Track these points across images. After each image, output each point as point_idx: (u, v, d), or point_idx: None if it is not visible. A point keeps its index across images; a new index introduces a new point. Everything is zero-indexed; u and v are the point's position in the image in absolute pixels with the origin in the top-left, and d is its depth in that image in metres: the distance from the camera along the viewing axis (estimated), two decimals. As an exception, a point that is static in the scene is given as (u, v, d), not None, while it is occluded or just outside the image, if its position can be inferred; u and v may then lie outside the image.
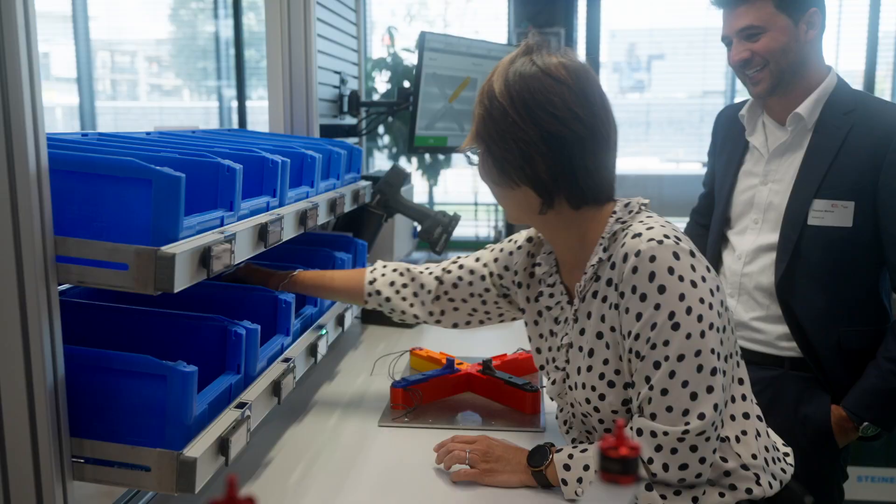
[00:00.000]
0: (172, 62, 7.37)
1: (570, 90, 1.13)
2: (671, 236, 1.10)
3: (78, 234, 0.98)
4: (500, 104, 1.14)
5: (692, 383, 1.07)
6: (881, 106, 1.66)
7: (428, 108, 2.28)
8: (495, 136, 1.16)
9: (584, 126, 1.13)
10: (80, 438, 1.02)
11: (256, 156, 1.36)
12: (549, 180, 1.14)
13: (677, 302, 1.07)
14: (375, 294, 1.52)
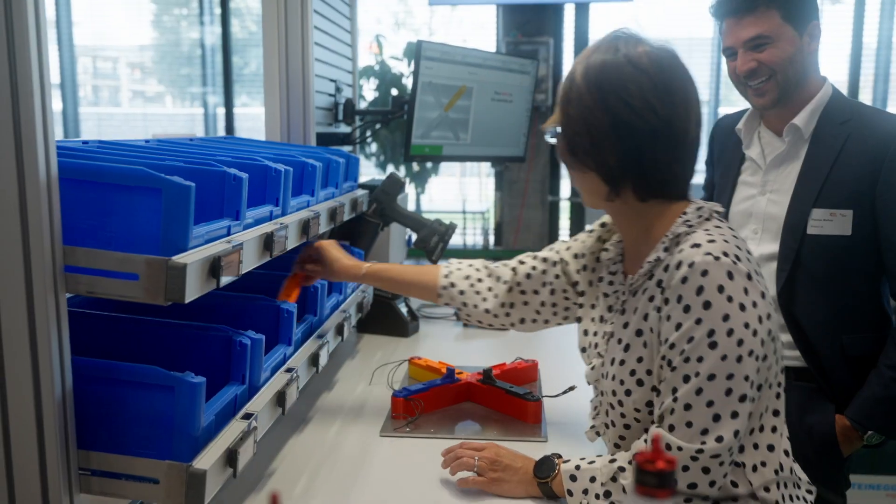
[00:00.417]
0: (155, 68, 7.32)
1: (649, 79, 1.10)
2: (731, 254, 1.07)
3: (86, 243, 0.97)
4: (578, 87, 1.13)
5: (717, 405, 1.05)
6: (876, 115, 1.68)
7: (424, 116, 2.28)
8: (570, 119, 1.15)
9: (659, 118, 1.10)
10: (87, 450, 1.01)
11: (259, 164, 1.35)
12: (615, 168, 1.13)
13: (720, 321, 1.05)
14: (450, 287, 1.50)
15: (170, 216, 0.98)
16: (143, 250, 0.97)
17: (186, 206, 0.99)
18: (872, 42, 4.55)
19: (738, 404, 1.05)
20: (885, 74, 4.63)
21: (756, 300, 1.07)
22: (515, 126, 2.59)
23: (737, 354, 1.05)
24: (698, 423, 1.06)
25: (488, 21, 4.99)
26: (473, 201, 5.09)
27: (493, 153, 2.61)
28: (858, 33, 4.44)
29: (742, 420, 1.06)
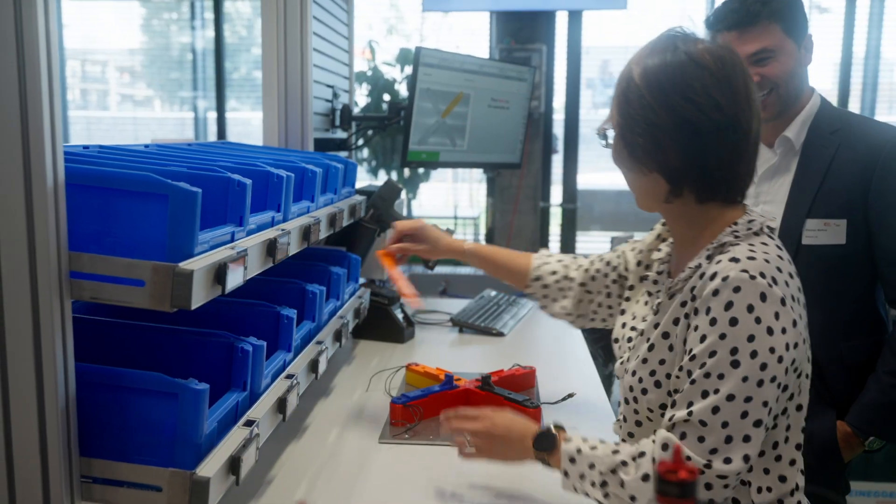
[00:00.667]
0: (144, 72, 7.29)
1: (712, 76, 1.08)
2: (768, 276, 1.04)
3: (91, 249, 0.97)
4: (637, 87, 1.11)
5: (732, 426, 1.03)
6: (864, 124, 1.71)
7: (421, 122, 2.28)
8: (629, 120, 1.12)
9: (724, 114, 1.08)
10: (90, 458, 1.00)
11: (261, 170, 1.35)
12: (679, 168, 1.10)
13: (745, 342, 1.03)
14: (538, 279, 1.56)
15: (176, 222, 0.98)
16: (148, 256, 0.96)
17: (193, 213, 0.99)
18: (860, 51, 4.60)
19: (753, 428, 1.03)
20: (874, 84, 4.68)
21: (786, 327, 1.04)
22: (512, 133, 2.60)
23: (758, 378, 1.02)
24: (710, 441, 1.04)
25: (479, 28, 5.00)
26: (464, 207, 5.10)
27: (489, 160, 2.62)
28: (848, 43, 4.49)
29: (754, 445, 1.04)
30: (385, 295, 2.19)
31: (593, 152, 5.17)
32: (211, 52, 5.44)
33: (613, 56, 5.75)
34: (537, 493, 1.32)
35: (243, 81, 6.04)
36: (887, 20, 4.59)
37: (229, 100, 5.62)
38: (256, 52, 5.91)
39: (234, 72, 5.96)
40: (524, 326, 2.40)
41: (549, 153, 4.51)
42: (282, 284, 1.59)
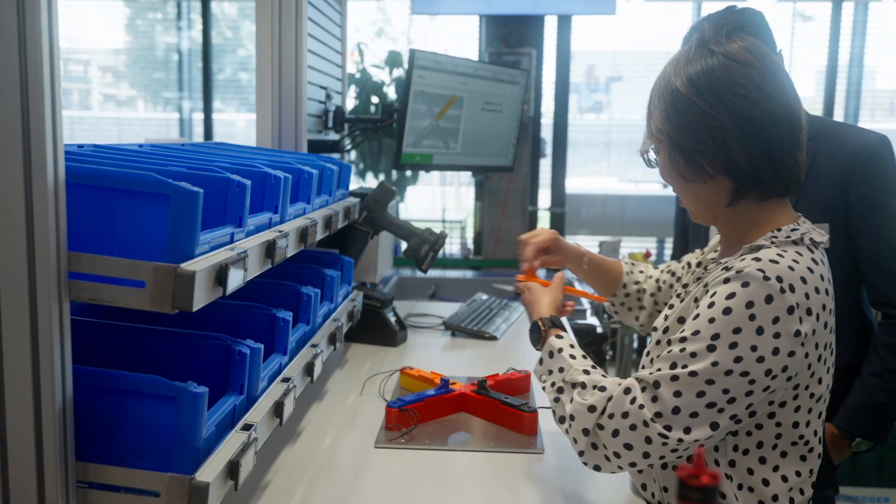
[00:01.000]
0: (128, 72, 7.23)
1: (758, 71, 1.10)
2: (785, 281, 1.04)
3: (90, 249, 0.95)
4: (686, 96, 1.11)
5: (683, 399, 1.05)
6: (841, 129, 1.73)
7: (415, 125, 2.27)
8: (684, 129, 1.12)
9: (778, 105, 1.09)
10: (86, 462, 0.98)
11: (259, 171, 1.33)
12: (746, 165, 1.10)
13: (729, 332, 1.04)
14: (624, 287, 1.57)
15: (177, 223, 0.97)
16: (148, 257, 0.95)
17: (194, 213, 0.97)
18: (844, 59, 4.65)
19: (705, 409, 1.05)
20: (857, 91, 4.73)
21: (782, 333, 1.04)
22: (504, 136, 2.60)
23: (728, 368, 1.04)
24: (659, 405, 1.06)
25: (467, 31, 5.00)
26: (451, 210, 5.09)
27: (481, 162, 2.61)
28: (834, 51, 4.53)
29: (702, 424, 1.05)
30: (377, 298, 2.18)
31: (580, 156, 5.18)
32: (196, 52, 5.40)
33: (599, 61, 5.77)
34: (534, 499, 1.31)
35: (228, 83, 6.01)
36: (870, 29, 4.65)
37: (214, 101, 5.58)
38: (242, 54, 5.88)
39: (219, 73, 5.92)
40: (516, 330, 2.39)
41: (538, 157, 4.51)
42: (276, 286, 1.57)
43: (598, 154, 5.70)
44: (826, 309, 1.10)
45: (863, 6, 4.57)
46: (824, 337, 1.10)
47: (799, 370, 1.08)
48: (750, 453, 1.13)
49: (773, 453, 1.13)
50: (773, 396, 1.08)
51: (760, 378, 1.04)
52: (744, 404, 1.06)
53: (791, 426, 1.12)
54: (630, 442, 1.08)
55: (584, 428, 1.12)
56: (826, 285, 1.11)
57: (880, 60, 4.81)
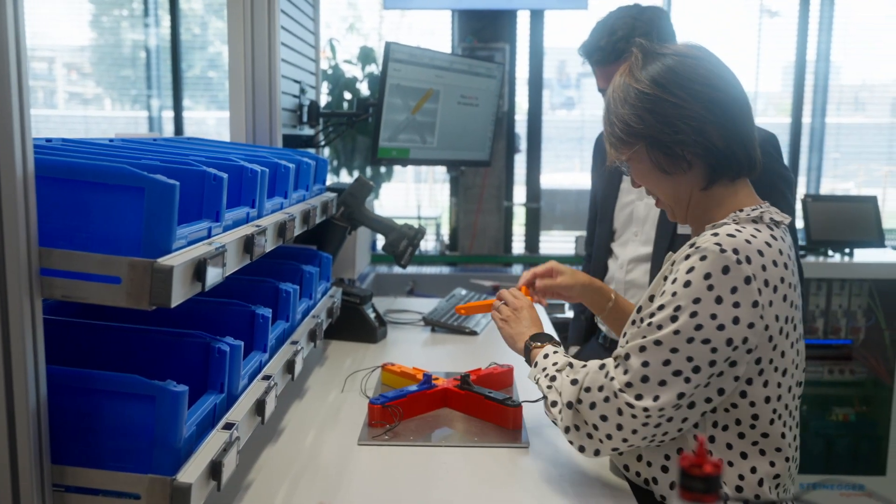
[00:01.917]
0: (93, 70, 7.10)
1: (708, 62, 1.20)
2: (741, 253, 1.10)
3: (62, 245, 0.91)
4: (655, 95, 1.19)
5: (651, 368, 1.12)
6: None
7: (391, 119, 2.24)
8: (661, 125, 1.18)
9: (734, 87, 1.20)
10: (62, 465, 0.95)
11: (235, 165, 1.30)
12: (723, 146, 1.18)
13: (690, 302, 1.10)
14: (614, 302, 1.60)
15: (153, 216, 0.94)
16: (123, 252, 0.92)
17: (171, 207, 0.94)
18: (811, 55, 4.70)
19: (672, 377, 1.11)
20: (824, 86, 4.78)
21: (741, 302, 1.10)
22: (481, 130, 2.58)
23: (689, 336, 1.10)
24: (629, 375, 1.14)
25: (438, 27, 4.98)
26: (426, 207, 5.07)
27: (458, 157, 2.59)
28: (802, 47, 4.58)
29: (670, 392, 1.11)
30: (357, 294, 2.15)
31: (553, 152, 5.18)
32: (164, 49, 5.32)
33: (570, 57, 5.79)
34: (520, 493, 1.30)
35: (197, 80, 5.93)
36: (836, 25, 4.71)
37: (183, 99, 5.51)
38: (211, 51, 5.80)
39: (188, 70, 5.84)
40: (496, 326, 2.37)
41: (513, 152, 4.51)
42: (254, 283, 1.54)
43: (571, 150, 5.71)
44: (785, 282, 1.15)
45: (829, 2, 4.62)
46: (784, 310, 1.15)
47: (760, 343, 1.12)
48: (729, 429, 1.17)
49: (753, 432, 1.16)
50: (738, 371, 1.13)
51: (721, 346, 1.10)
52: (707, 374, 1.11)
53: (763, 401, 1.15)
54: (605, 413, 1.15)
55: (568, 402, 1.20)
56: (785, 260, 1.16)
57: (846, 56, 4.87)
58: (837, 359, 3.11)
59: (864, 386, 3.13)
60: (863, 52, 4.90)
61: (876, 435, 3.07)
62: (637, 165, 1.25)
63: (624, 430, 1.14)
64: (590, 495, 1.29)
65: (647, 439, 1.16)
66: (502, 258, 4.47)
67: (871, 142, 4.99)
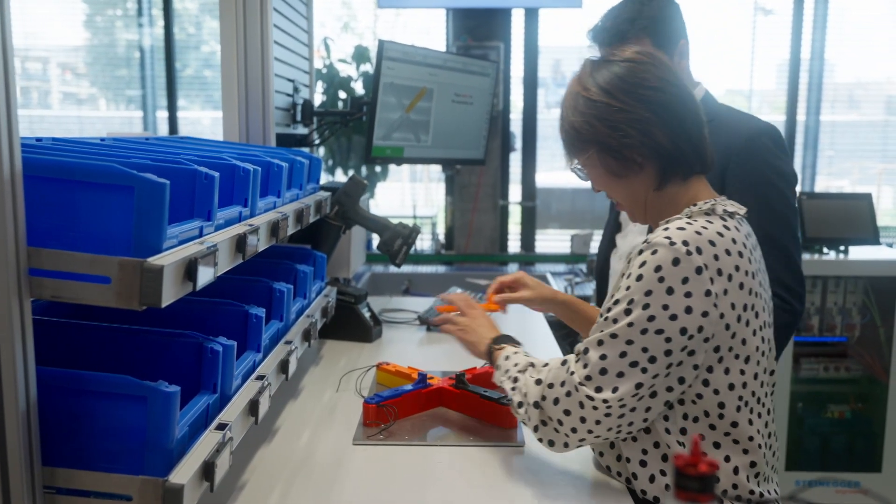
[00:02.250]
0: (88, 70, 7.08)
1: (654, 66, 1.24)
2: (691, 245, 1.13)
3: (51, 244, 0.91)
4: (603, 102, 1.23)
5: (609, 360, 1.15)
6: (732, 117, 1.76)
7: (385, 117, 2.24)
8: (609, 130, 1.22)
9: (679, 89, 1.24)
10: (53, 467, 0.94)
11: (227, 164, 1.29)
12: (670, 146, 1.21)
13: (642, 295, 1.14)
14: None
15: (143, 216, 0.93)
16: (113, 252, 0.91)
17: (161, 205, 0.94)
18: (806, 52, 4.70)
19: (629, 368, 1.14)
20: (819, 84, 4.79)
21: (692, 292, 1.12)
22: (475, 128, 2.57)
23: (643, 327, 1.13)
24: (588, 369, 1.17)
25: (433, 26, 4.97)
26: (421, 206, 5.06)
27: (453, 155, 2.59)
28: (796, 45, 4.58)
29: (628, 383, 1.14)
30: (351, 293, 2.14)
31: (548, 151, 5.18)
32: (159, 49, 5.30)
33: (565, 56, 5.78)
34: (516, 492, 1.30)
35: (192, 80, 5.91)
36: (830, 22, 4.71)
37: (178, 99, 5.49)
38: (205, 50, 5.78)
39: (182, 70, 5.83)
40: (491, 324, 2.37)
41: (508, 151, 4.50)
42: (248, 283, 1.53)
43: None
44: (741, 271, 1.16)
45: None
46: (742, 298, 1.16)
47: (716, 331, 1.14)
48: (700, 420, 1.19)
49: (722, 422, 1.18)
50: (697, 359, 1.15)
51: (676, 336, 1.13)
52: (665, 363, 1.14)
53: (727, 389, 1.17)
54: (568, 408, 1.19)
55: (534, 401, 1.23)
56: (739, 249, 1.18)
57: (841, 54, 4.88)
58: (833, 356, 3.11)
59: (860, 383, 3.14)
60: (857, 49, 4.91)
61: (871, 432, 3.07)
62: (591, 170, 1.30)
63: (587, 422, 1.18)
64: (585, 494, 1.29)
65: (612, 430, 1.19)
66: (498, 257, 4.47)
67: (866, 139, 5.00)
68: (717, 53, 5.18)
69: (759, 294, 1.21)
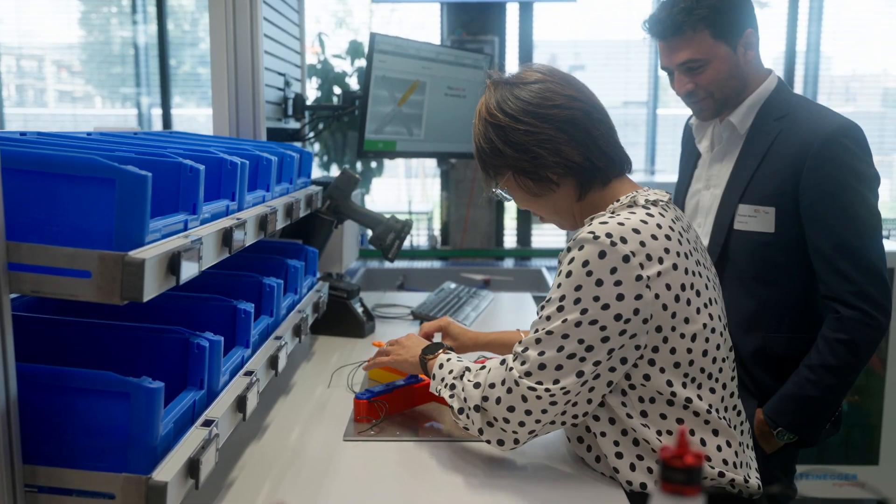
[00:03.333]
0: (83, 68, 7.05)
1: (553, 83, 1.26)
2: (615, 235, 1.15)
3: (31, 238, 0.89)
4: (508, 126, 1.25)
5: (547, 356, 1.17)
6: (810, 110, 1.65)
7: (377, 111, 2.22)
8: (518, 154, 1.25)
9: (583, 102, 1.25)
10: (34, 465, 0.92)
11: (214, 157, 1.28)
12: (582, 160, 1.24)
13: (572, 290, 1.16)
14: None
15: (124, 209, 0.91)
16: (94, 245, 0.89)
17: (143, 198, 0.92)
18: (801, 45, 4.69)
19: (567, 360, 1.16)
20: (815, 77, 4.78)
21: (622, 280, 1.14)
22: (469, 121, 2.54)
23: (577, 320, 1.15)
24: (527, 365, 1.19)
25: (429, 21, 4.95)
26: (417, 202, 5.05)
27: (446, 149, 2.57)
28: (792, 37, 4.57)
29: (569, 378, 1.17)
30: (344, 288, 2.13)
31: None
32: (154, 46, 5.28)
33: (561, 50, 5.76)
34: (507, 487, 1.28)
35: (188, 77, 5.88)
36: (826, 15, 4.70)
37: (174, 96, 5.47)
38: (202, 48, 5.75)
39: (178, 68, 5.80)
40: (485, 319, 2.36)
41: (503, 146, 4.49)
42: (237, 278, 1.52)
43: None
44: (671, 252, 1.17)
45: (819, -8, 4.62)
46: (678, 278, 1.17)
47: (654, 312, 1.16)
48: (656, 401, 1.21)
49: (676, 400, 1.20)
50: (639, 340, 1.17)
51: (611, 323, 1.14)
52: (604, 350, 1.16)
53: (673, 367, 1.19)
54: (511, 404, 1.20)
55: (475, 405, 1.25)
56: (666, 232, 1.19)
57: (836, 46, 4.87)
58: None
59: (857, 376, 3.12)
60: (853, 42, 4.90)
61: (869, 425, 3.06)
62: (512, 192, 1.33)
63: (534, 413, 1.19)
64: (577, 489, 1.27)
65: (560, 416, 1.20)
66: (494, 252, 4.46)
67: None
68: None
69: (699, 273, 1.22)
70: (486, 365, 1.28)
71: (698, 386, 1.21)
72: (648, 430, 1.21)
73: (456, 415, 1.29)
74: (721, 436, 1.22)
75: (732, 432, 1.24)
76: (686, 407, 1.20)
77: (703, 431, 1.21)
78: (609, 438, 1.24)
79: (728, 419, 1.24)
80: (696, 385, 1.21)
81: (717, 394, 1.23)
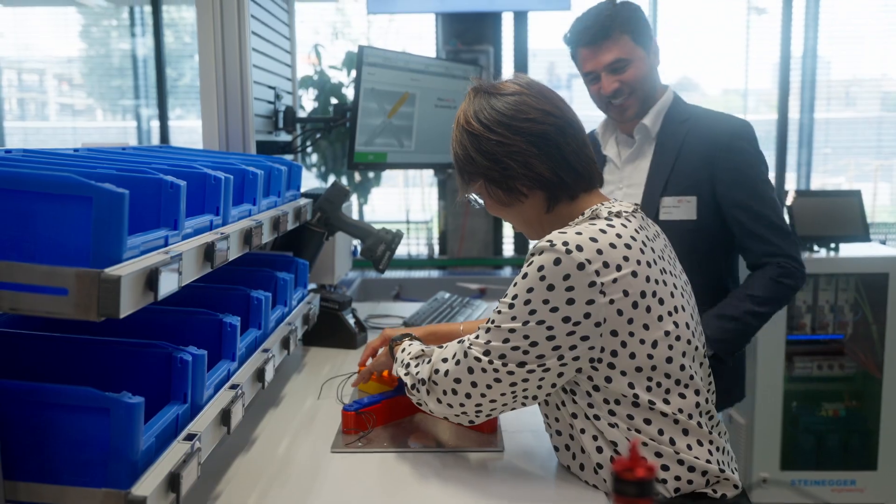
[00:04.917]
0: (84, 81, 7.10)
1: (530, 97, 1.28)
2: (571, 244, 1.17)
3: (8, 256, 0.90)
4: (482, 136, 1.28)
5: (493, 344, 1.22)
6: (709, 114, 1.93)
7: (367, 123, 2.23)
8: (490, 163, 1.28)
9: (557, 117, 1.27)
10: (14, 481, 0.93)
11: (198, 172, 1.29)
12: (550, 175, 1.27)
13: (524, 292, 1.19)
14: None
15: (101, 226, 0.92)
16: (72, 263, 0.90)
17: (119, 215, 0.93)
18: (798, 51, 4.70)
19: (511, 352, 1.20)
20: (812, 82, 4.78)
21: (575, 285, 1.16)
22: (460, 132, 2.56)
23: (524, 320, 1.19)
24: (477, 343, 1.24)
25: (426, 31, 4.97)
26: (416, 211, 5.05)
27: (437, 160, 2.58)
28: (787, 43, 4.57)
29: (512, 366, 1.20)
30: (336, 300, 2.14)
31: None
32: (153, 59, 5.31)
33: (559, 58, 5.78)
34: (495, 498, 1.29)
35: (188, 89, 5.91)
36: (822, 20, 4.70)
37: (174, 108, 5.49)
38: (202, 60, 5.77)
39: (179, 80, 5.84)
40: (478, 328, 2.36)
41: (500, 154, 4.50)
42: (224, 291, 1.53)
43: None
44: (631, 261, 1.19)
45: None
46: (637, 285, 1.19)
47: (607, 316, 1.18)
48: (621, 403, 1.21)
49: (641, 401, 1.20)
50: (593, 343, 1.19)
51: (558, 324, 1.17)
52: (549, 346, 1.19)
53: (635, 371, 1.20)
54: (458, 376, 1.26)
55: (422, 378, 1.32)
56: (626, 241, 1.21)
57: (833, 51, 4.87)
58: (826, 354, 3.10)
59: (854, 381, 3.12)
60: (853, 47, 4.90)
61: (867, 429, 3.06)
62: (484, 199, 1.36)
63: (479, 386, 1.24)
64: (565, 499, 1.28)
65: (507, 396, 1.24)
66: (491, 261, 4.46)
67: (862, 136, 4.99)
68: (711, 53, 5.18)
69: (664, 281, 1.23)
70: (446, 345, 1.34)
71: (666, 391, 1.21)
72: (617, 431, 1.22)
73: (409, 391, 1.36)
74: (691, 436, 1.22)
75: (705, 433, 1.23)
76: (652, 409, 1.21)
77: (672, 432, 1.21)
78: (589, 445, 1.25)
79: (700, 423, 1.24)
80: (664, 390, 1.21)
81: (688, 399, 1.23)
